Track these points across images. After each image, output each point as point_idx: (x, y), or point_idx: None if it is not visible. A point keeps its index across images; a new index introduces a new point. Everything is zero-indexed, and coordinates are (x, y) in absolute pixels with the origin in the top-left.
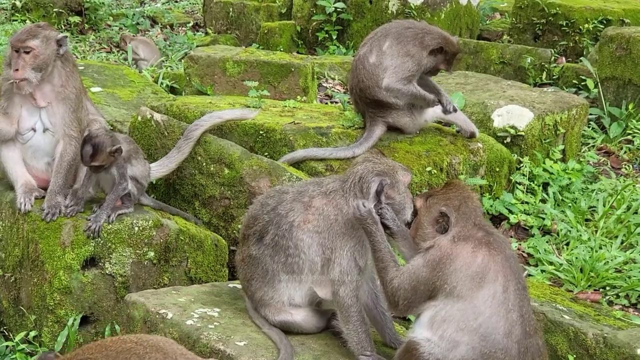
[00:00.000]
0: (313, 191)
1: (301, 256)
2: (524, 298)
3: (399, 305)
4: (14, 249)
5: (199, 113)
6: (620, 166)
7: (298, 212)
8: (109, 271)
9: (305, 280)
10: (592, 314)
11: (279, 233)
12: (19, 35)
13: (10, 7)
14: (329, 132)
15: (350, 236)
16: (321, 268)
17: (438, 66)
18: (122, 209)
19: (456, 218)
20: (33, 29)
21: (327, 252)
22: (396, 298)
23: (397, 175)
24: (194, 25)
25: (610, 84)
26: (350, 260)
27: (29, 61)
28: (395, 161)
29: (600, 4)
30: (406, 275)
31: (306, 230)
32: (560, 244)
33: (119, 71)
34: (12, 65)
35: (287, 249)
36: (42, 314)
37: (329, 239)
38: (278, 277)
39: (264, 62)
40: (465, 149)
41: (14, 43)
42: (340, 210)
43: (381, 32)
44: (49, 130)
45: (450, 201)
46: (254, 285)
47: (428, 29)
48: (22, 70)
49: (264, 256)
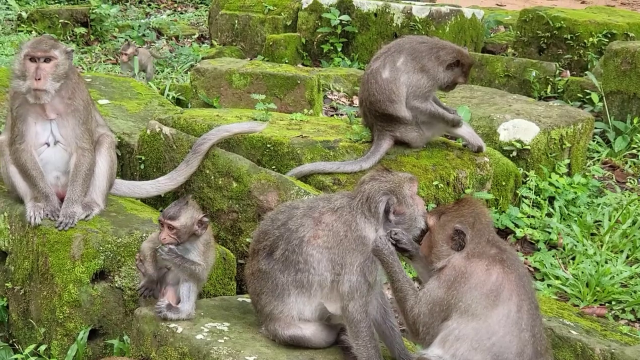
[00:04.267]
0: (323, 207)
1: (311, 271)
2: (537, 317)
3: (420, 333)
4: (24, 262)
5: (206, 126)
6: (625, 180)
7: (308, 228)
8: (118, 284)
9: (315, 295)
10: (598, 329)
11: (289, 248)
12: (38, 45)
13: (16, 18)
14: (336, 145)
15: (359, 252)
16: (331, 283)
17: (456, 80)
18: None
19: (471, 235)
20: (49, 40)
21: (336, 268)
22: (417, 326)
23: (404, 190)
24: (200, 37)
25: (615, 98)
26: (359, 276)
27: (49, 71)
28: (401, 172)
29: (605, 18)
30: (423, 301)
31: (316, 246)
32: (566, 258)
33: (126, 83)
34: (30, 75)
35: (297, 264)
36: (51, 327)
37: (338, 255)
38: (288, 291)
39: (269, 75)
40: (472, 162)
41: (33, 52)
42: (349, 227)
43: (395, 48)
44: (59, 143)
45: (464, 218)
46: (263, 299)
47: (442, 44)
48: (44, 79)
49: (273, 271)
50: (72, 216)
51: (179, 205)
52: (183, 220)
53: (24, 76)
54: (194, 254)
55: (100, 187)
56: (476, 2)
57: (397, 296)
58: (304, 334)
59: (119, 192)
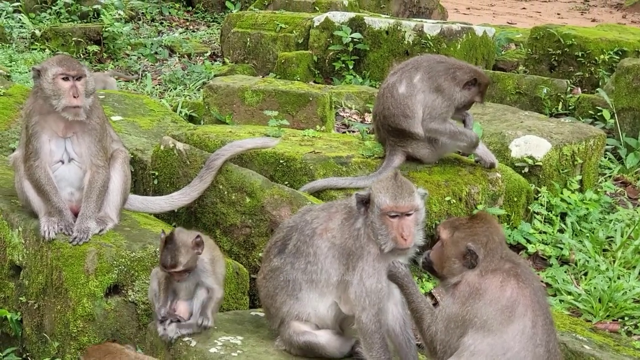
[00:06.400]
0: (340, 204)
1: (318, 265)
2: (551, 332)
3: (438, 352)
4: (38, 276)
5: (219, 142)
6: (637, 196)
7: (322, 220)
8: (131, 299)
9: (324, 292)
10: (611, 344)
11: (301, 239)
12: (70, 64)
13: (29, 36)
14: (348, 161)
15: (366, 257)
16: (337, 283)
17: (473, 99)
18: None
19: (484, 254)
20: (73, 58)
21: (341, 268)
22: (434, 344)
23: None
24: (212, 55)
25: (626, 115)
26: (367, 282)
27: (81, 88)
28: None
29: (616, 35)
30: (439, 318)
31: (325, 239)
32: (579, 274)
33: (139, 100)
34: (66, 93)
35: (307, 255)
36: (65, 341)
37: (344, 255)
38: (299, 285)
39: (282, 92)
40: (484, 178)
41: (68, 72)
42: (358, 230)
43: (412, 64)
44: (74, 161)
45: (477, 237)
46: (278, 300)
47: (459, 64)
48: (81, 96)
49: (285, 265)
50: (86, 231)
51: (169, 248)
52: (183, 259)
53: (56, 95)
54: (204, 275)
55: (114, 201)
56: (487, 20)
57: (414, 317)
58: (318, 341)
59: (132, 207)
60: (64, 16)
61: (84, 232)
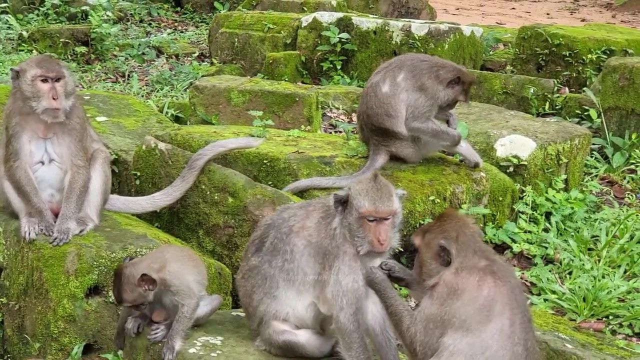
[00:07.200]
0: (317, 203)
1: (295, 262)
2: (529, 330)
3: (418, 353)
4: (19, 277)
5: (203, 142)
6: (624, 196)
7: (299, 218)
8: (112, 299)
9: (301, 290)
10: (594, 343)
11: (279, 236)
12: (49, 65)
13: (17, 37)
14: (332, 161)
15: (341, 256)
16: (313, 281)
17: (457, 98)
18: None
19: (457, 249)
20: (53, 59)
21: (317, 267)
22: (414, 345)
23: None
24: (200, 56)
25: (613, 114)
26: (343, 281)
27: (60, 90)
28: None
29: (604, 35)
30: (418, 319)
31: (301, 237)
32: (563, 273)
33: (124, 100)
34: (45, 95)
35: (284, 253)
36: (46, 342)
37: (319, 254)
38: (276, 283)
39: (268, 92)
40: (469, 178)
41: (46, 73)
42: (334, 229)
43: (396, 63)
44: (54, 161)
45: (447, 233)
46: (255, 299)
47: (442, 63)
48: (60, 98)
49: (262, 263)
50: (66, 232)
51: (116, 283)
52: (128, 297)
53: (36, 97)
54: (168, 295)
55: (94, 202)
56: (476, 20)
57: (393, 320)
58: (298, 340)
59: (114, 207)
60: (51, 17)
61: (64, 233)
